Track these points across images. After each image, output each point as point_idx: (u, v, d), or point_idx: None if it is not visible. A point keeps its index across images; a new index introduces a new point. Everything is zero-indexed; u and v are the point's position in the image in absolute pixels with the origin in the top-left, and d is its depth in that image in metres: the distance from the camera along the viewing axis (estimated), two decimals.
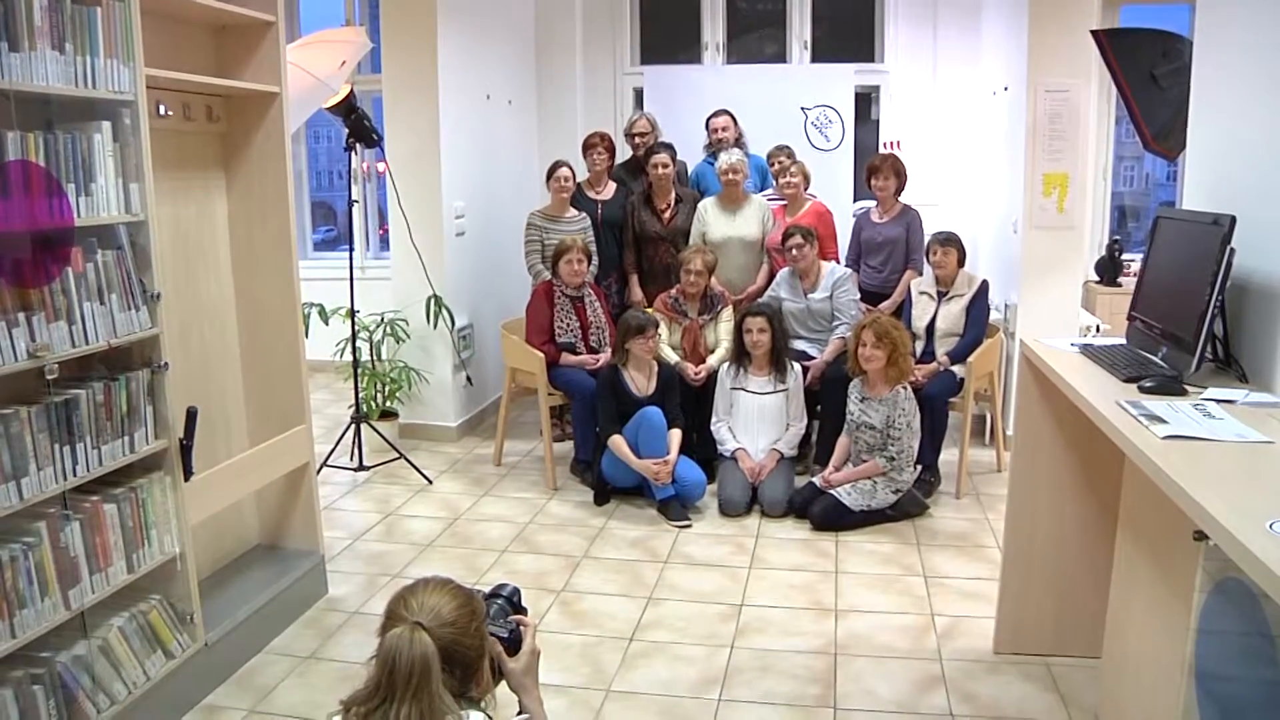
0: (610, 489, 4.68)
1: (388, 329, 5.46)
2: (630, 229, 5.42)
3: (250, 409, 3.57)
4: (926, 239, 5.01)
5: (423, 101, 5.33)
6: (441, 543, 4.21)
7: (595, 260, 5.24)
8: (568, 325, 4.96)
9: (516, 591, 1.92)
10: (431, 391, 5.60)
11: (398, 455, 5.11)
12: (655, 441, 4.47)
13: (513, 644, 1.85)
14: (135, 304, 2.64)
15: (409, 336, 5.49)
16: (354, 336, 5.16)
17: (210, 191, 3.39)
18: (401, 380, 5.45)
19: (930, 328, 4.82)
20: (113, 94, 2.56)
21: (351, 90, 4.75)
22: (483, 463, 5.27)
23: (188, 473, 2.85)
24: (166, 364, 2.74)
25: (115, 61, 2.55)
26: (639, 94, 6.68)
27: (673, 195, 5.40)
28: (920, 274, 5.11)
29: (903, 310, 4.98)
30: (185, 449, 2.82)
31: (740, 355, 4.71)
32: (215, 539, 3.47)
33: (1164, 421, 2.10)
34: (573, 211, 5.38)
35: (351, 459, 5.13)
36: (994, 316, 5.12)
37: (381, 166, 5.64)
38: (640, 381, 4.65)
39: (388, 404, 5.53)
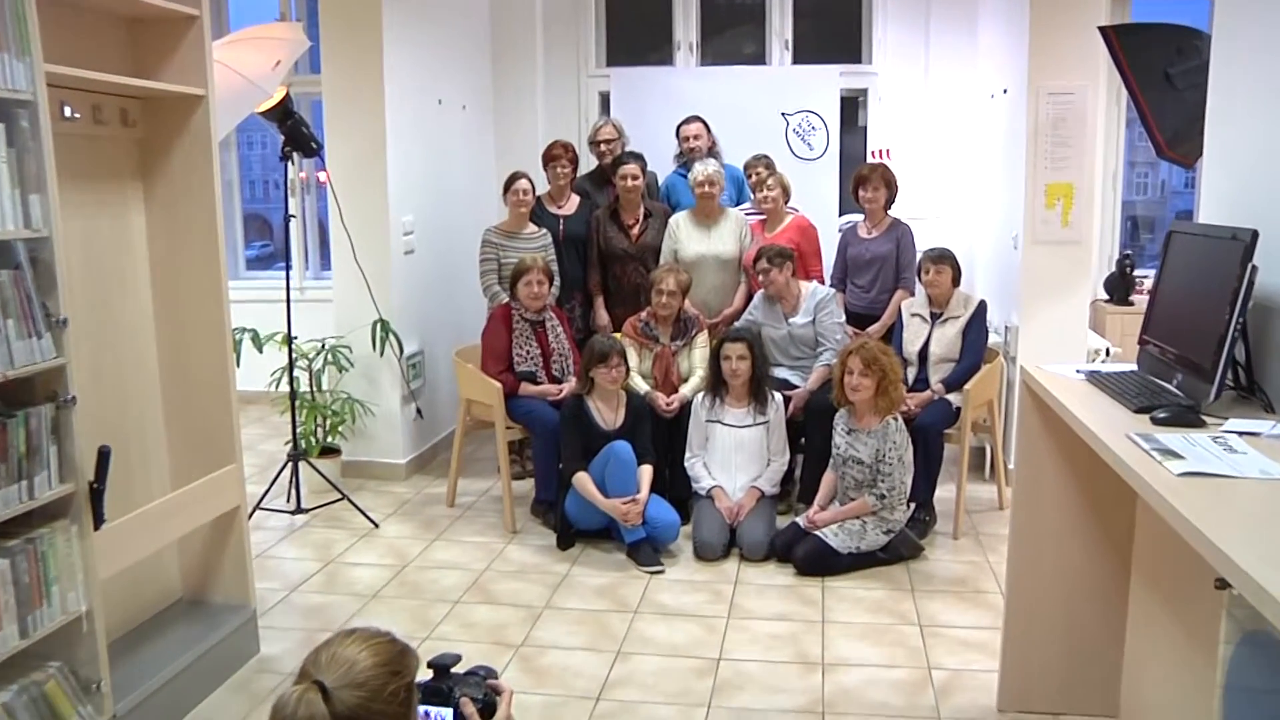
0: (575, 531, 4.65)
1: (329, 357, 5.42)
2: (595, 246, 5.43)
3: (173, 447, 3.51)
4: (918, 256, 5.03)
5: (367, 106, 5.31)
6: (388, 593, 4.17)
7: (557, 281, 5.24)
8: (527, 352, 4.93)
9: (493, 673, 1.88)
10: (378, 425, 5.56)
11: (340, 496, 5.06)
12: (624, 479, 4.45)
13: (486, 710, 1.83)
14: (37, 330, 2.56)
15: (352, 365, 5.45)
16: (291, 365, 5.12)
17: (127, 204, 3.33)
18: (344, 413, 5.41)
19: (923, 353, 4.82)
20: (6, 92, 2.48)
21: (287, 93, 4.72)
22: (434, 504, 5.24)
23: (98, 520, 2.77)
24: (74, 398, 2.67)
25: (8, 56, 2.47)
26: (605, 98, 6.69)
27: (642, 209, 5.41)
28: (912, 294, 5.12)
29: (893, 334, 4.99)
30: (96, 493, 2.74)
31: (716, 384, 4.70)
32: (130, 594, 3.38)
33: (1180, 457, 2.08)
34: (532, 228, 5.38)
35: (288, 501, 5.09)
36: (993, 340, 5.14)
37: (322, 176, 5.60)
38: (607, 414, 4.64)
39: (329, 439, 5.49)
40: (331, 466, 5.34)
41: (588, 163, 5.93)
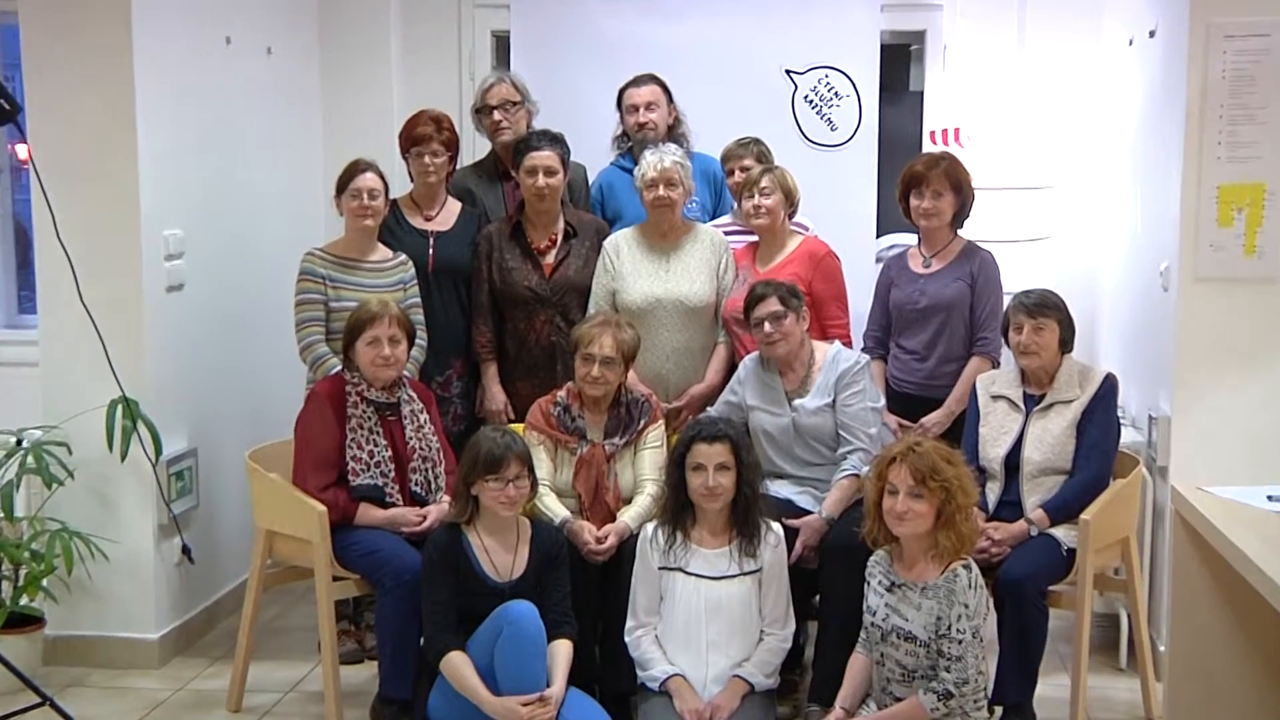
0: None
1: (29, 460, 5.33)
2: (487, 282, 5.49)
3: None
4: (1005, 303, 5.05)
5: (101, 41, 5.27)
6: None
7: (422, 340, 5.33)
8: (371, 454, 4.93)
9: None
10: (113, 576, 5.48)
11: (40, 700, 4.87)
12: (526, 663, 4.41)
13: None
14: None
15: (71, 475, 5.38)
16: None
17: None
18: (52, 556, 5.30)
19: (1013, 459, 4.84)
20: None
21: None
22: (208, 707, 5.21)
23: None
24: None
25: None
26: (502, 43, 6.80)
27: (560, 224, 5.51)
28: (996, 364, 5.18)
29: (963, 429, 5.01)
30: None
31: (678, 509, 4.66)
32: None
33: None
34: (384, 251, 5.48)
35: None
36: (1128, 440, 5.16)
37: (22, 154, 5.51)
38: (499, 556, 4.63)
39: (22, 601, 5.39)
40: (26, 647, 5.28)
41: (473, 147, 6.00)
